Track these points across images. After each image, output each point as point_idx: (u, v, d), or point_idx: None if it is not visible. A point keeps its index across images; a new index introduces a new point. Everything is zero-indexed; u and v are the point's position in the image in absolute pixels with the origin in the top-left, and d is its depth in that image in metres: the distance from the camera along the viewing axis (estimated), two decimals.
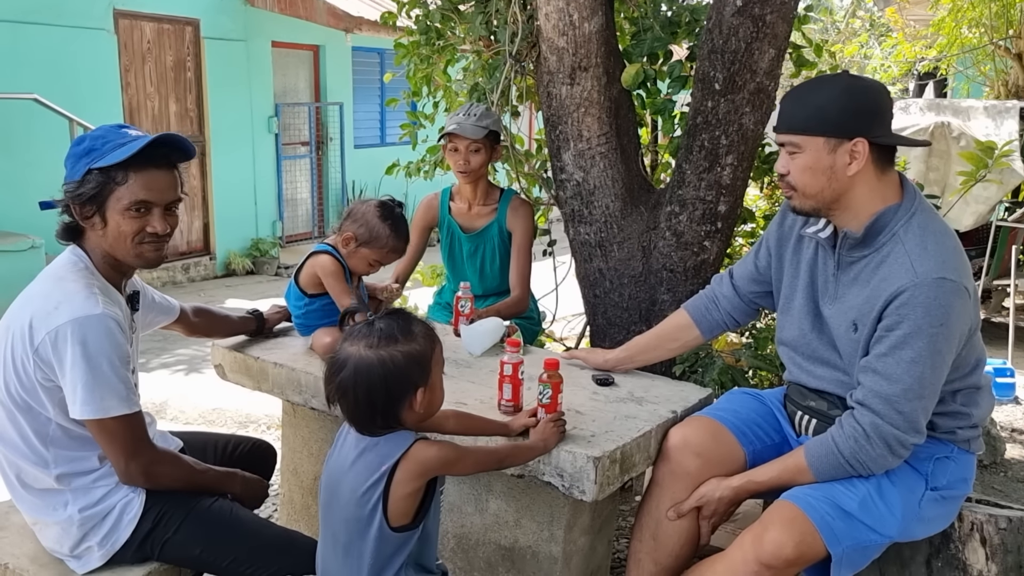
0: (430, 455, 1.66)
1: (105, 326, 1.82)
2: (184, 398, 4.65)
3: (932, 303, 1.79)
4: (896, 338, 1.82)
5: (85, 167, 1.87)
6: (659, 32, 3.17)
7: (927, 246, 1.84)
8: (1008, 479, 3.68)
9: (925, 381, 1.82)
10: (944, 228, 1.91)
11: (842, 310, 1.98)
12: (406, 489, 1.66)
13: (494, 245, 3.17)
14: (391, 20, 4.08)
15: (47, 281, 1.90)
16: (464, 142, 3.02)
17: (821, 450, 1.93)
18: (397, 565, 1.69)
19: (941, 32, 9.41)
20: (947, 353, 1.83)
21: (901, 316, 1.81)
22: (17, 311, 1.89)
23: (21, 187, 6.87)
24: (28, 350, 1.83)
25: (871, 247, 1.93)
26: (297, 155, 9.98)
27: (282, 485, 2.81)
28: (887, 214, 1.91)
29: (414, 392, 1.67)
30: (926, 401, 1.84)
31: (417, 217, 3.29)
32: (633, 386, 2.35)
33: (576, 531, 2.20)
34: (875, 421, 1.84)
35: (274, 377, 2.46)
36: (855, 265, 1.96)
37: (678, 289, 2.97)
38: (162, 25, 8.13)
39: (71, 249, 1.96)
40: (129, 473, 1.91)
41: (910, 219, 1.89)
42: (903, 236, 1.88)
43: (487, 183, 3.20)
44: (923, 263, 1.82)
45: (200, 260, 8.71)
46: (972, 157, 4.06)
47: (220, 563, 1.99)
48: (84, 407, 1.82)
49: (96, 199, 1.88)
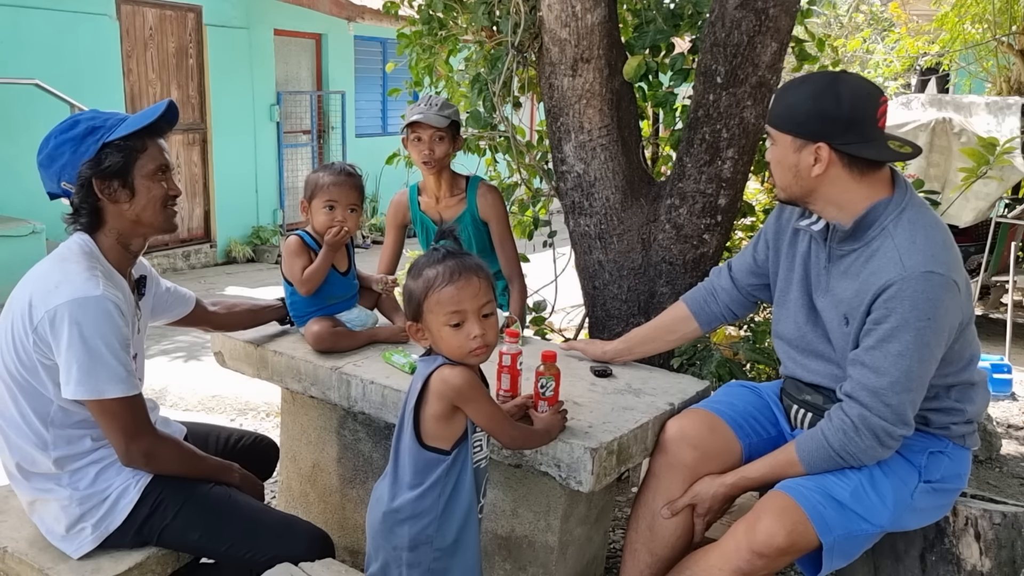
0: (445, 377, 1.71)
1: (103, 308, 1.83)
2: (183, 385, 4.66)
3: (919, 297, 1.80)
4: (884, 331, 1.84)
5: (96, 144, 1.88)
6: (661, 24, 3.17)
7: (916, 240, 1.85)
8: (1003, 475, 3.69)
9: (912, 374, 1.83)
10: (934, 222, 1.92)
11: (833, 303, 1.99)
12: (431, 409, 1.73)
13: (469, 234, 3.16)
14: (393, 9, 4.07)
15: (50, 262, 1.92)
16: (428, 131, 3.00)
17: (811, 444, 1.94)
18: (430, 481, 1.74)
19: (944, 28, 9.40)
20: (935, 346, 1.84)
21: (889, 309, 1.83)
22: (19, 293, 1.91)
23: (22, 173, 6.86)
24: (28, 328, 1.84)
25: (861, 241, 1.94)
26: (298, 143, 9.97)
27: (281, 472, 2.83)
28: (877, 208, 1.92)
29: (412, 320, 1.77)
30: (914, 394, 1.86)
31: (389, 216, 3.30)
32: (631, 378, 2.36)
33: (572, 521, 2.21)
34: (863, 413, 1.86)
35: (273, 365, 2.47)
36: (845, 258, 1.98)
37: (677, 282, 2.98)
38: (164, 11, 8.11)
39: (77, 235, 1.96)
40: (130, 455, 1.92)
41: (900, 213, 1.90)
42: (892, 230, 1.89)
43: (451, 173, 3.17)
44: (911, 257, 1.83)
45: (201, 247, 8.72)
46: (973, 153, 4.06)
47: (219, 548, 2.00)
48: (78, 387, 1.82)
49: (122, 171, 1.91)
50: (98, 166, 1.89)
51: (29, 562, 1.96)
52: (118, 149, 1.90)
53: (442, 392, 1.72)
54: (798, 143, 1.91)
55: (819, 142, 1.88)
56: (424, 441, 1.75)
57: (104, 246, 1.96)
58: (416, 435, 1.75)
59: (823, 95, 1.88)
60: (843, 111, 1.87)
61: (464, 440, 1.78)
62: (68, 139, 1.90)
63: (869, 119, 1.89)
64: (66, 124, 1.92)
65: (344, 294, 2.55)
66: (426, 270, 1.73)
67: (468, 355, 1.71)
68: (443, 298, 1.69)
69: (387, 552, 1.79)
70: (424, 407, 1.74)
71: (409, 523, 1.75)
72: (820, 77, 1.95)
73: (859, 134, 1.88)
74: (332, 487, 2.65)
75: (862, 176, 1.92)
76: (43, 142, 1.94)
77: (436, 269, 1.71)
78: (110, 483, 1.96)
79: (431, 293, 1.70)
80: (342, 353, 2.42)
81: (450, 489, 1.76)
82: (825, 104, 1.88)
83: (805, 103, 1.90)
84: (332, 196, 2.44)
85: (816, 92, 1.90)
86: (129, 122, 1.92)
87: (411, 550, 1.76)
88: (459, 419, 1.76)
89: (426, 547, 1.75)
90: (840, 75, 1.93)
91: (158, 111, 1.93)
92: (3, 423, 1.96)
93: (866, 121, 1.88)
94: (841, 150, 1.88)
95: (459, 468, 1.77)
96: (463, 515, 1.78)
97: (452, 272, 1.70)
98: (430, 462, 1.75)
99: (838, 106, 1.87)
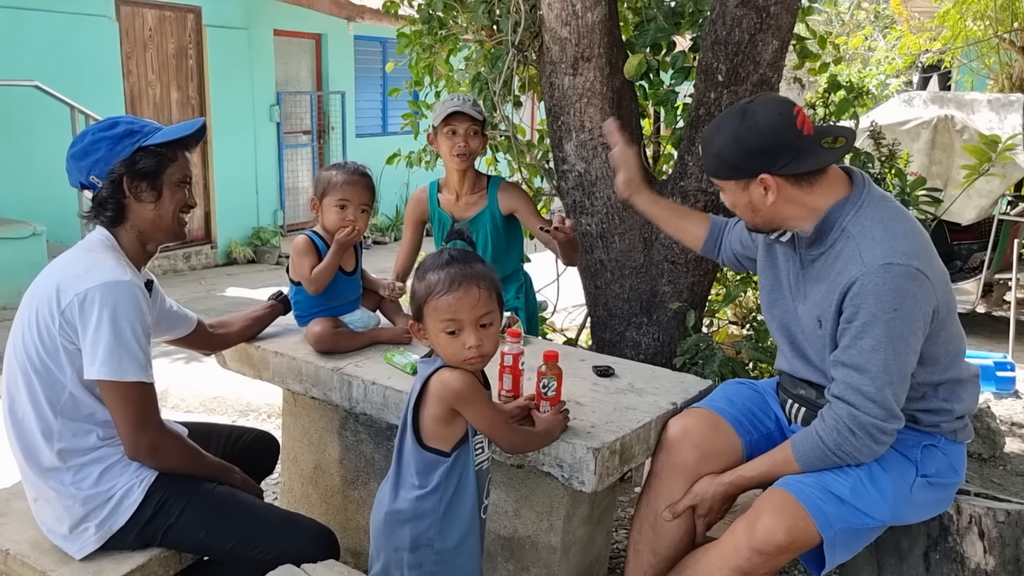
0: (445, 380, 1.72)
1: (133, 293, 1.91)
2: (185, 386, 4.65)
3: (881, 289, 1.81)
4: (855, 329, 1.86)
5: (132, 146, 1.99)
6: (662, 23, 3.16)
7: (874, 235, 1.87)
8: (1007, 472, 3.69)
9: (890, 367, 1.83)
10: (894, 214, 1.93)
11: (809, 308, 2.02)
12: (430, 411, 1.73)
13: (487, 232, 3.15)
14: (393, 9, 4.07)
15: (75, 252, 2.00)
16: (465, 124, 2.96)
17: (807, 443, 1.95)
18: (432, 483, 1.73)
19: (946, 25, 9.39)
20: (909, 336, 1.84)
21: (856, 307, 1.85)
22: (43, 280, 1.98)
23: (22, 174, 6.87)
24: (55, 311, 1.89)
25: (824, 244, 1.97)
26: (299, 144, 9.97)
27: (282, 474, 2.82)
28: (834, 211, 1.94)
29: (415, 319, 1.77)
30: (896, 387, 1.86)
31: (408, 212, 3.26)
32: (633, 377, 2.36)
33: (575, 521, 2.21)
34: (852, 412, 1.86)
35: (275, 366, 2.46)
36: (816, 263, 2.01)
37: (679, 281, 2.97)
38: (164, 12, 8.11)
39: (98, 230, 2.04)
40: (137, 445, 1.93)
41: (857, 212, 1.93)
42: (852, 229, 1.91)
43: (474, 172, 3.16)
44: (870, 252, 1.85)
45: (201, 249, 8.72)
46: (975, 151, 4.05)
47: (223, 547, 2.01)
48: (103, 367, 1.86)
49: (152, 174, 2.01)
50: (132, 166, 1.99)
51: (31, 564, 1.96)
52: (152, 154, 2.00)
53: (441, 395, 1.72)
54: (742, 183, 1.97)
55: (760, 175, 1.92)
56: (424, 442, 1.74)
57: (124, 241, 2.04)
58: (416, 436, 1.75)
59: (741, 134, 1.92)
60: (766, 140, 1.90)
61: (465, 442, 1.78)
62: (106, 137, 1.99)
63: (793, 135, 1.90)
64: (106, 123, 2.02)
65: (349, 295, 2.54)
66: (429, 274, 1.73)
67: (463, 363, 1.72)
68: (440, 306, 1.69)
69: (388, 553, 1.78)
70: (423, 408, 1.74)
71: (410, 524, 1.75)
72: (730, 117, 1.97)
73: (791, 152, 1.90)
74: (334, 488, 2.65)
75: (812, 185, 1.94)
76: (79, 136, 2.04)
77: (438, 274, 1.71)
78: (114, 482, 1.96)
79: (430, 299, 1.70)
80: (343, 354, 2.42)
81: (452, 491, 1.75)
82: (748, 141, 1.92)
83: (730, 148, 1.95)
84: (344, 195, 2.44)
85: (735, 133, 1.93)
86: (165, 131, 2.04)
87: (412, 551, 1.75)
88: (459, 422, 1.75)
89: (427, 549, 1.75)
90: (747, 108, 1.95)
91: (194, 127, 2.08)
92: (15, 412, 1.98)
93: (791, 139, 1.90)
94: (782, 174, 1.91)
95: (460, 470, 1.77)
96: (465, 517, 1.77)
97: (453, 280, 1.69)
98: (430, 463, 1.75)
99: (760, 137, 1.90)
